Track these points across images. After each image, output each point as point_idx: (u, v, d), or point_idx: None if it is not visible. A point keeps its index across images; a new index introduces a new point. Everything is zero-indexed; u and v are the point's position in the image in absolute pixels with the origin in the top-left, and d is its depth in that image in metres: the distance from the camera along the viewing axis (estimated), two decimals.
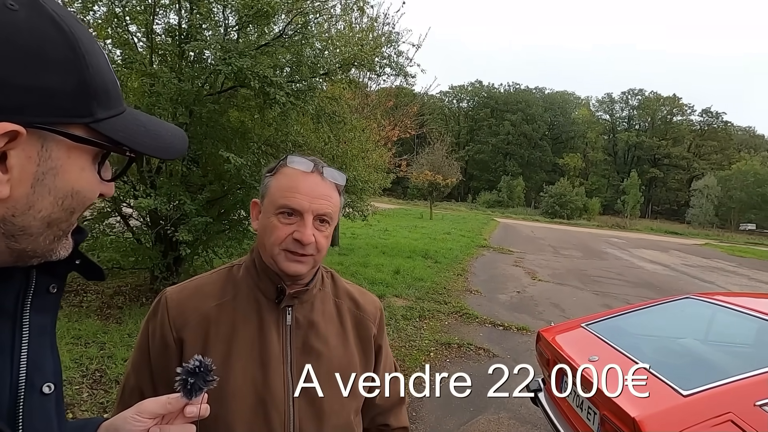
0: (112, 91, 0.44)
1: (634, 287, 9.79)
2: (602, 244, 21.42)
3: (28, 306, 0.47)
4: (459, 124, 69.17)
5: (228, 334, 0.83)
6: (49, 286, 0.49)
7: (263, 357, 0.82)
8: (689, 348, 2.34)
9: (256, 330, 0.84)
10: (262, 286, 0.86)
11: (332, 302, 0.94)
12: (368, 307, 0.98)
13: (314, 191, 0.83)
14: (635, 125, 70.76)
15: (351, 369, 0.90)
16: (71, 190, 0.42)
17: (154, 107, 4.32)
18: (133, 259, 4.93)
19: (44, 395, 0.47)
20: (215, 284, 0.88)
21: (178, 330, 0.82)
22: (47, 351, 0.49)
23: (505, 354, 4.65)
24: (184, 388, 0.58)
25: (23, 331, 0.46)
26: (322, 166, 0.86)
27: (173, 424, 0.59)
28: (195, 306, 0.84)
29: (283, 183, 0.84)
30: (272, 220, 0.83)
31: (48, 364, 0.48)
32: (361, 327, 0.95)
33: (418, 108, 12.82)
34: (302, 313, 0.87)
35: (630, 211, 49.15)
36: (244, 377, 0.81)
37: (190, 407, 0.58)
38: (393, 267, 8.48)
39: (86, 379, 3.21)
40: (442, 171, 25.68)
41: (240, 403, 0.80)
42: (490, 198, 54.85)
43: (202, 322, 0.83)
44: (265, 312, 0.85)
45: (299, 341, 0.86)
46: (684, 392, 1.72)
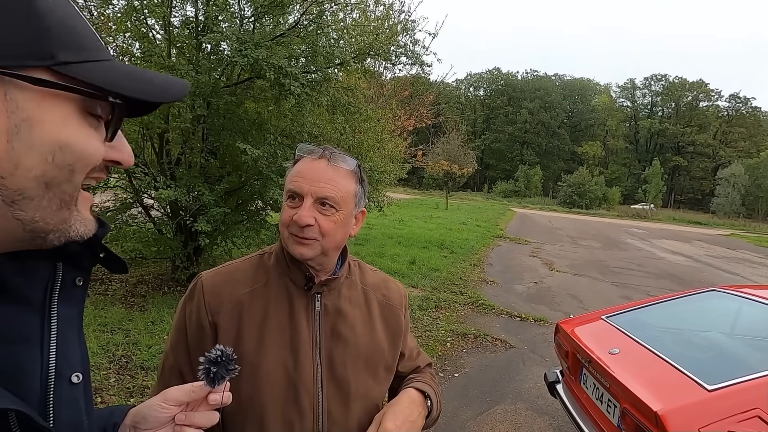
0: (81, 35, 0.42)
1: (656, 279, 9.59)
2: (622, 234, 20.98)
3: (56, 298, 0.47)
4: (475, 113, 68.22)
5: (260, 319, 0.86)
6: (75, 278, 0.49)
7: (293, 342, 0.86)
8: (714, 341, 2.28)
9: (286, 316, 0.87)
10: (291, 274, 0.89)
11: (360, 290, 0.96)
12: (394, 295, 1.01)
13: (316, 175, 0.84)
14: (658, 112, 68.64)
15: (377, 355, 0.93)
16: (57, 144, 0.40)
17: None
18: (155, 248, 5.04)
19: (73, 384, 0.48)
20: (248, 271, 0.91)
21: (214, 314, 0.85)
22: (75, 341, 0.50)
23: (522, 345, 4.62)
24: (207, 376, 0.59)
25: (51, 322, 0.47)
26: (331, 153, 0.87)
27: (197, 411, 0.61)
28: (229, 292, 0.87)
29: (295, 169, 0.88)
30: (283, 205, 0.88)
31: (75, 355, 0.49)
32: (389, 314, 0.98)
33: (434, 97, 12.66)
34: (330, 300, 0.90)
35: (652, 200, 47.95)
36: (276, 361, 0.84)
37: (213, 395, 0.60)
38: (409, 257, 8.49)
39: (113, 365, 3.32)
40: (458, 160, 25.42)
41: (272, 384, 0.83)
42: (507, 188, 54.19)
43: (235, 308, 0.86)
44: (295, 299, 0.88)
45: (327, 327, 0.89)
46: (709, 387, 1.68)
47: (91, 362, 3.38)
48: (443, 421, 3.07)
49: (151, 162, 5.12)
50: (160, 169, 4.92)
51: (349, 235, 0.91)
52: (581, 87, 69.69)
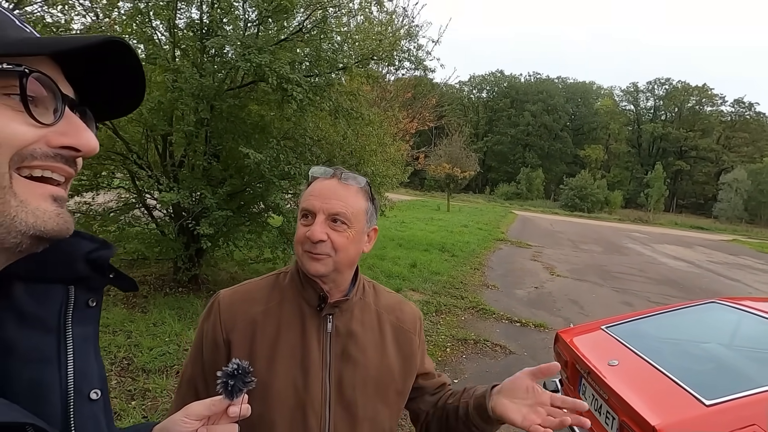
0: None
1: (656, 284, 9.58)
2: (623, 238, 20.95)
3: (70, 320, 0.49)
4: (478, 115, 68.15)
5: (272, 338, 0.88)
6: (88, 300, 0.52)
7: (304, 362, 0.87)
8: (713, 354, 2.29)
9: (298, 336, 0.88)
10: (305, 294, 0.91)
11: (374, 312, 0.97)
12: (408, 318, 1.01)
13: (328, 193, 0.88)
14: (661, 116, 68.46)
15: (388, 378, 0.93)
16: None
17: (176, 102, 4.40)
18: (157, 249, 5.06)
19: (92, 401, 0.50)
20: (263, 290, 0.94)
21: (228, 332, 0.88)
22: (92, 359, 0.51)
23: (522, 351, 4.63)
24: (225, 389, 0.61)
25: (68, 343, 0.49)
26: (342, 172, 0.91)
27: (218, 424, 0.63)
28: (244, 310, 0.90)
29: (308, 189, 0.92)
30: (298, 224, 0.91)
31: (93, 372, 0.51)
32: (402, 337, 0.98)
33: (436, 100, 12.67)
34: (342, 321, 0.92)
35: (654, 204, 47.83)
36: (287, 380, 0.85)
37: (232, 408, 0.62)
38: (410, 260, 8.50)
39: (114, 366, 3.34)
40: (460, 163, 25.41)
41: (282, 404, 0.85)
42: (509, 190, 54.12)
43: (249, 326, 0.88)
44: (307, 319, 0.90)
45: (338, 348, 0.90)
46: (707, 402, 1.69)
47: None
48: None
49: (154, 163, 5.15)
50: (163, 171, 4.94)
51: (362, 251, 0.93)
52: (584, 90, 69.57)
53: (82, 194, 5.21)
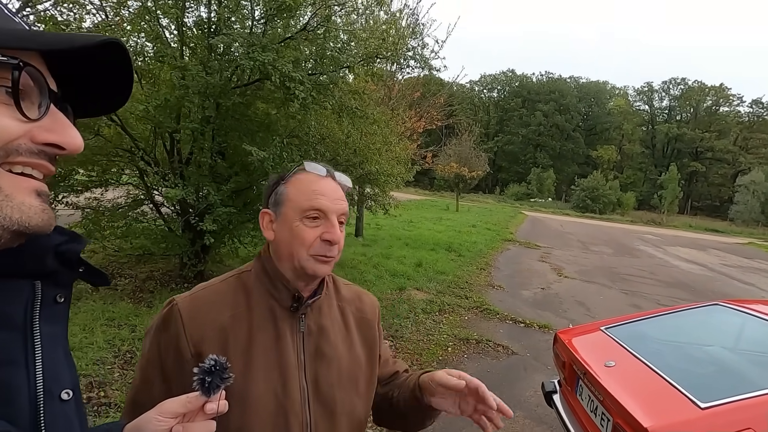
0: None
1: (667, 287, 9.42)
2: (635, 240, 20.64)
3: (37, 317, 0.47)
4: (488, 115, 67.76)
5: (245, 344, 0.83)
6: (56, 296, 0.49)
7: (281, 365, 0.84)
8: (716, 357, 2.24)
9: (272, 339, 0.84)
10: (276, 295, 0.87)
11: (337, 307, 0.96)
12: (368, 308, 1.01)
13: (335, 193, 0.86)
14: (676, 116, 67.31)
15: (358, 370, 0.93)
16: None
17: (182, 99, 4.45)
18: (163, 245, 5.13)
19: (64, 402, 0.48)
20: (227, 293, 0.87)
21: (196, 344, 0.80)
22: (61, 358, 0.49)
23: (524, 352, 4.59)
24: (202, 386, 0.60)
25: (35, 341, 0.46)
26: (334, 172, 0.90)
27: (194, 422, 0.61)
28: (211, 318, 0.83)
29: (304, 187, 0.85)
30: (297, 225, 0.84)
31: (64, 372, 0.49)
32: (365, 328, 0.98)
33: (444, 99, 12.62)
34: (313, 319, 0.89)
35: (667, 206, 47.03)
36: (266, 386, 0.82)
37: (209, 404, 0.60)
38: (415, 259, 8.49)
39: (118, 359, 3.40)
40: (469, 163, 25.28)
41: (262, 411, 0.81)
42: (519, 190, 53.72)
43: (219, 334, 0.82)
44: (279, 320, 0.86)
45: (312, 347, 0.88)
46: (702, 404, 1.65)
47: (97, 356, 3.45)
48: (440, 426, 3.07)
49: (163, 161, 5.22)
50: (170, 168, 5.01)
51: None
52: (597, 90, 68.69)
53: (92, 190, 5.31)
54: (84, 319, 3.99)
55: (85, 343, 3.53)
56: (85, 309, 4.25)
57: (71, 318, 3.98)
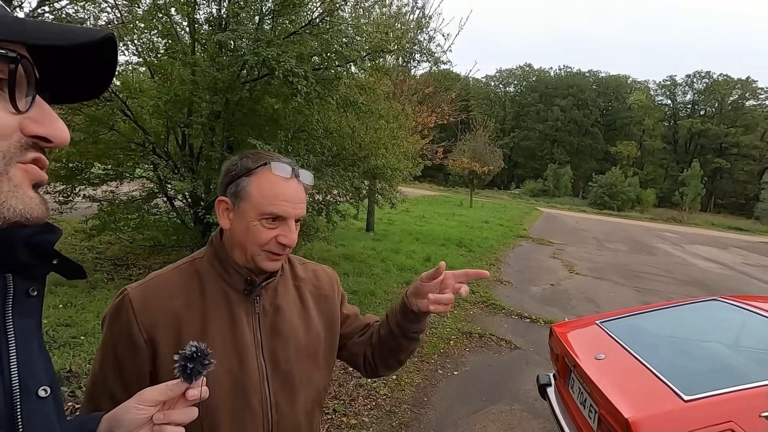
0: None
1: (682, 286, 9.23)
2: (653, 238, 20.20)
3: (10, 311, 0.45)
4: (504, 110, 66.88)
5: (199, 328, 0.85)
6: (29, 289, 0.47)
7: (237, 346, 0.87)
8: (710, 352, 2.22)
9: (227, 321, 0.87)
10: (229, 280, 0.90)
11: (292, 285, 1.00)
12: (325, 285, 1.05)
13: (296, 197, 0.88)
14: (700, 111, 65.27)
15: (316, 345, 0.98)
16: None
17: (192, 94, 4.56)
18: (175, 237, 5.28)
19: (41, 398, 0.46)
20: (179, 281, 0.89)
21: (149, 331, 0.83)
22: (37, 353, 0.48)
23: (527, 347, 4.59)
24: (184, 373, 0.59)
25: (8, 336, 0.45)
26: (298, 170, 0.90)
27: (176, 409, 0.60)
28: (163, 305, 0.85)
29: (267, 190, 0.87)
30: (255, 224, 0.86)
31: (40, 367, 0.47)
32: (323, 304, 1.02)
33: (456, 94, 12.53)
34: (268, 300, 0.93)
35: (689, 204, 45.78)
36: (222, 366, 0.84)
37: (191, 391, 0.60)
38: (424, 254, 8.51)
39: None
40: (484, 158, 25.04)
41: (220, 389, 0.84)
42: (535, 187, 52.94)
43: (172, 321, 0.84)
44: (234, 304, 0.89)
45: (267, 326, 0.91)
46: (686, 397, 1.65)
47: None
48: (436, 417, 3.11)
49: (175, 155, 5.36)
50: (183, 162, 5.14)
51: None
52: (617, 84, 67.04)
53: (108, 183, 5.49)
54: (98, 307, 4.15)
55: (97, 329, 3.68)
56: (100, 297, 4.42)
57: (86, 306, 4.18)
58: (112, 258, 5.93)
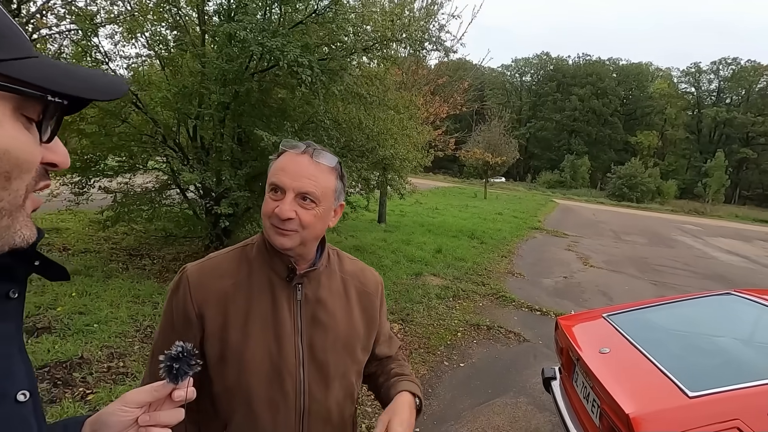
0: (10, 33, 0.40)
1: (701, 279, 8.99)
2: (673, 230, 19.71)
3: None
4: (521, 100, 65.78)
5: (244, 309, 0.91)
6: (9, 291, 0.46)
7: (277, 329, 0.91)
8: (722, 348, 2.15)
9: (269, 305, 0.92)
10: (274, 266, 0.94)
11: (339, 278, 1.02)
12: (370, 283, 1.07)
13: (299, 170, 0.89)
14: (726, 99, 63.02)
15: (354, 338, 1.00)
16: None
17: (200, 86, 4.58)
18: (186, 228, 5.35)
19: (19, 403, 0.45)
20: (231, 263, 0.96)
21: (200, 306, 0.90)
22: (16, 357, 0.46)
23: (537, 339, 4.53)
24: (170, 373, 0.59)
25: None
26: (314, 149, 0.92)
27: (162, 410, 0.59)
28: (214, 284, 0.92)
29: (277, 163, 0.92)
30: (266, 197, 0.92)
31: (20, 372, 0.46)
32: (365, 300, 1.05)
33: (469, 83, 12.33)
34: (311, 289, 0.96)
35: (712, 195, 44.47)
36: (261, 348, 0.90)
37: (177, 391, 0.59)
38: (435, 246, 8.46)
39: (139, 333, 3.61)
40: (499, 149, 24.69)
41: (257, 369, 0.89)
42: (551, 178, 52.13)
43: (221, 299, 0.91)
44: (277, 289, 0.93)
45: (308, 315, 0.95)
46: (690, 393, 1.60)
47: (120, 330, 3.68)
48: (440, 408, 3.11)
49: (187, 147, 5.41)
50: (194, 153, 5.19)
51: (327, 226, 0.97)
52: (638, 72, 65.08)
53: (122, 175, 5.59)
54: (112, 296, 4.25)
55: (110, 318, 3.77)
56: (114, 286, 4.52)
57: (100, 294, 4.28)
58: (127, 248, 6.06)
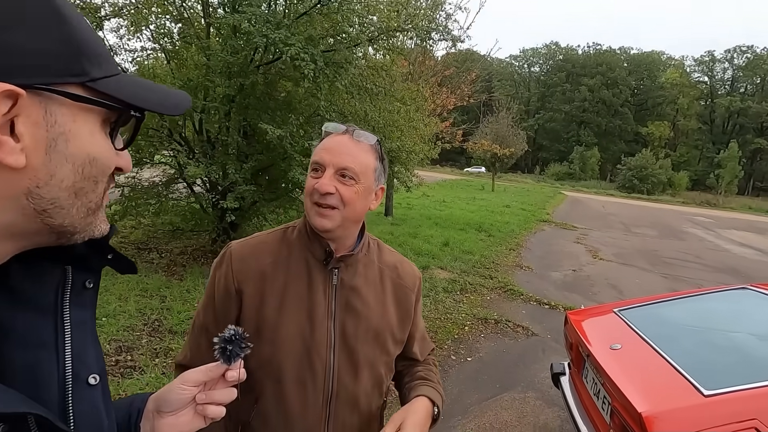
0: (102, 52, 0.44)
1: (713, 272, 8.84)
2: (684, 222, 19.43)
3: (67, 302, 0.48)
4: (529, 91, 64.99)
5: (281, 288, 0.93)
6: (85, 281, 0.50)
7: (311, 311, 0.93)
8: (739, 345, 2.08)
9: (305, 287, 0.94)
10: (312, 249, 0.96)
11: (377, 268, 1.02)
12: (408, 277, 1.07)
13: (338, 148, 0.91)
14: (740, 88, 61.68)
15: (387, 329, 1.00)
16: (87, 157, 0.43)
17: (206, 79, 4.55)
18: (193, 222, 5.36)
19: (90, 386, 0.49)
20: (272, 243, 0.99)
21: (240, 282, 0.93)
22: (89, 343, 0.50)
23: (545, 333, 4.48)
24: (223, 354, 0.63)
25: (65, 326, 0.47)
26: (354, 129, 0.94)
27: (216, 389, 0.64)
28: (254, 262, 0.95)
29: (318, 145, 0.94)
30: (307, 177, 0.94)
31: (91, 356, 0.50)
32: (401, 294, 1.04)
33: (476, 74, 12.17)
34: (347, 275, 0.97)
35: (725, 186, 43.75)
36: (295, 328, 0.92)
37: (230, 372, 0.63)
38: (443, 239, 8.40)
39: (146, 327, 3.62)
40: (507, 141, 24.43)
41: (290, 348, 0.91)
42: (560, 170, 51.60)
43: (260, 277, 0.93)
44: (314, 272, 0.95)
45: (343, 300, 0.95)
46: (706, 392, 1.55)
47: (128, 323, 3.70)
48: (447, 403, 3.07)
49: (193, 140, 5.40)
50: (200, 147, 5.17)
51: (368, 208, 0.96)
52: (650, 61, 63.87)
53: None
54: (120, 290, 4.27)
55: (118, 311, 3.79)
56: (122, 280, 4.54)
57: (108, 288, 4.30)
58: (135, 242, 6.09)
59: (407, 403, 0.97)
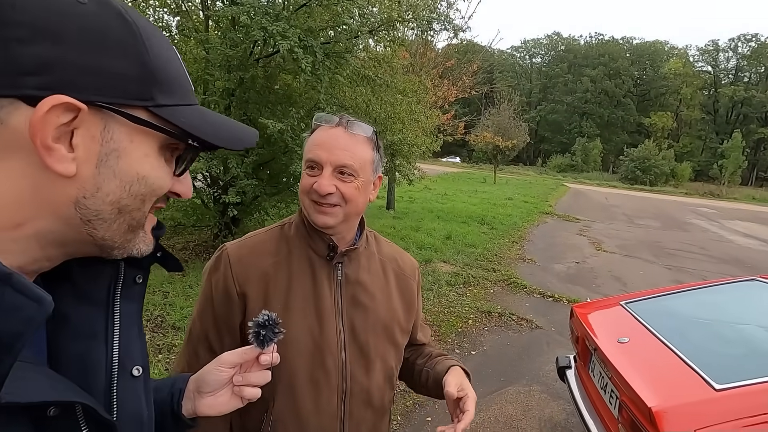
0: (177, 81, 0.46)
1: (718, 263, 8.79)
2: (688, 213, 19.33)
3: (118, 296, 0.50)
4: (531, 82, 64.53)
5: (285, 288, 0.90)
6: (136, 276, 0.52)
7: (318, 309, 0.91)
8: (749, 338, 2.05)
9: (310, 285, 0.92)
10: (313, 245, 0.93)
11: (378, 260, 1.01)
12: (407, 267, 1.06)
13: (334, 143, 0.86)
14: (744, 77, 61.09)
15: (394, 320, 0.99)
16: (136, 175, 0.44)
17: (205, 73, 4.50)
18: (194, 218, 5.34)
19: (134, 377, 0.51)
20: (270, 242, 0.95)
21: (241, 285, 0.90)
22: (135, 336, 0.52)
23: (549, 326, 4.46)
24: (257, 339, 0.64)
25: (115, 319, 0.50)
26: (348, 121, 0.89)
27: (250, 372, 0.67)
28: (255, 263, 0.91)
29: (311, 138, 0.90)
30: (303, 174, 0.90)
31: (136, 348, 0.52)
32: (404, 284, 1.04)
33: (477, 66, 12.05)
34: (351, 269, 0.95)
35: (729, 177, 43.47)
36: (303, 327, 0.89)
37: (264, 356, 0.66)
38: (445, 232, 8.37)
39: (149, 323, 3.61)
40: (509, 133, 24.29)
41: (299, 348, 0.89)
42: (562, 162, 51.34)
43: (262, 278, 0.90)
44: (317, 268, 0.92)
45: (349, 295, 0.94)
46: (717, 386, 1.52)
47: None
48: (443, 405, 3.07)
49: None
50: None
51: (369, 201, 0.94)
52: (653, 51, 63.24)
53: None
54: None
55: None
56: None
57: None
58: None
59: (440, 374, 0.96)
